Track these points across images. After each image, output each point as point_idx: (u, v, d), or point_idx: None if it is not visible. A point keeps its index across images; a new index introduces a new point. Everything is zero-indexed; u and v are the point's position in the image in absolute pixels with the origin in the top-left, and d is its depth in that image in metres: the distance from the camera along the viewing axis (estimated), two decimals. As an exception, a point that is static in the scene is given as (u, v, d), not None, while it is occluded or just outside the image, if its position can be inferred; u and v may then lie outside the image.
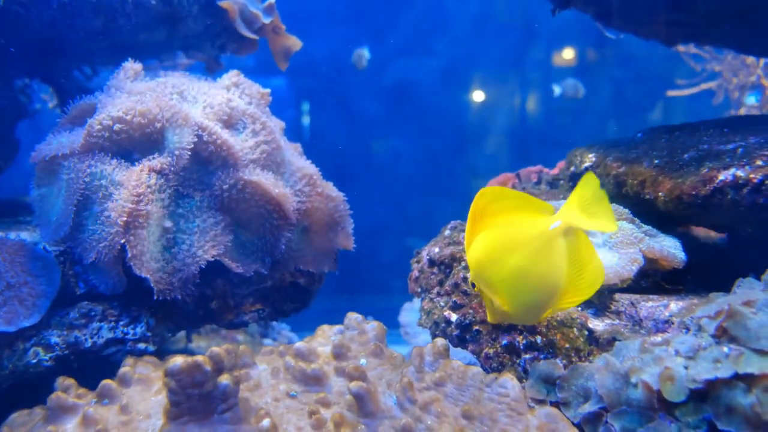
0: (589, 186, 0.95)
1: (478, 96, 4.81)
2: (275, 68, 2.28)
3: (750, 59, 3.43)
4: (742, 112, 3.46)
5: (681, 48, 3.42)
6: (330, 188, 1.62)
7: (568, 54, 4.65)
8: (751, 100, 3.48)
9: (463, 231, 1.61)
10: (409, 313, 2.45)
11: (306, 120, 4.75)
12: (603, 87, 4.74)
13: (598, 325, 1.14)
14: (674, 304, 1.12)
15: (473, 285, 1.08)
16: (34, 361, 1.27)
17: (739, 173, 1.12)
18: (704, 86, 3.50)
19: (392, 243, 4.31)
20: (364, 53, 3.99)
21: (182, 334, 2.18)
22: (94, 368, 1.32)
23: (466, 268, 1.42)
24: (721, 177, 1.14)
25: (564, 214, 0.96)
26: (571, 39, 4.59)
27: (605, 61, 4.68)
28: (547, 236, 0.96)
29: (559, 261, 0.96)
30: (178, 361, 0.91)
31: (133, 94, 1.44)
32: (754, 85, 3.48)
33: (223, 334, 2.44)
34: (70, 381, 1.18)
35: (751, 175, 1.10)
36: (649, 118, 4.61)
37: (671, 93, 3.60)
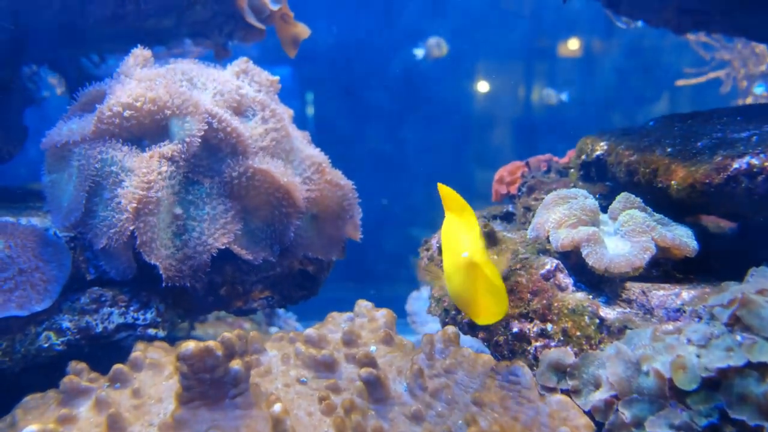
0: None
1: (483, 86, 4.79)
2: (280, 58, 2.27)
3: (760, 48, 3.39)
4: (750, 101, 3.43)
5: (690, 36, 3.38)
6: (339, 176, 1.62)
7: (573, 44, 4.61)
8: (759, 89, 3.45)
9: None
10: (416, 302, 2.45)
11: (311, 110, 4.74)
12: (609, 78, 4.71)
13: (609, 313, 1.14)
14: (686, 293, 1.11)
15: None
16: (46, 345, 1.28)
17: (754, 161, 1.11)
18: (713, 75, 3.46)
19: (397, 233, 4.31)
20: (439, 43, 3.79)
21: (187, 321, 2.18)
22: (105, 353, 1.33)
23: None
24: (735, 165, 1.13)
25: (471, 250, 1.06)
26: (578, 29, 4.55)
27: (611, 52, 4.64)
28: (461, 261, 1.06)
29: (470, 281, 1.06)
30: (190, 345, 0.92)
31: (143, 80, 1.43)
32: (764, 74, 3.45)
33: (230, 322, 2.44)
34: (82, 365, 1.19)
35: (766, 163, 1.09)
36: (655, 109, 4.58)
37: (680, 82, 3.56)
